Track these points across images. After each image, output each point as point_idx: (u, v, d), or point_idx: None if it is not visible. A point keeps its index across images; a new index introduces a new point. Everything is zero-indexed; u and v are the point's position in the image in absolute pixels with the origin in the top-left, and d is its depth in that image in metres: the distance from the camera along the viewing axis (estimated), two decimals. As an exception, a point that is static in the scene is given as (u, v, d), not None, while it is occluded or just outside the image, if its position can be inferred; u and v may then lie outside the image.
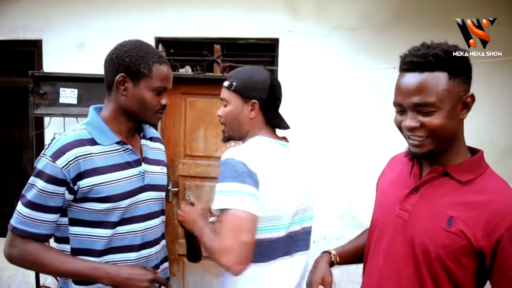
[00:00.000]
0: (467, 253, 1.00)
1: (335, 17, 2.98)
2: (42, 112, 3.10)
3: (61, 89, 3.09)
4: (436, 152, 1.06)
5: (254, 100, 1.36)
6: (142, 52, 1.29)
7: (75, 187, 1.23)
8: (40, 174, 1.22)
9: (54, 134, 3.11)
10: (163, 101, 1.34)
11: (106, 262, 1.30)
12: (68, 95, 3.09)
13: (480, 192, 1.03)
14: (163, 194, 1.48)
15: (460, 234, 1.00)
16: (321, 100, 3.02)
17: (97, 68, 1.19)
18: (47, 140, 3.25)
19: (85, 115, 1.38)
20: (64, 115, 3.09)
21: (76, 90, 3.09)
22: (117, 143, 1.32)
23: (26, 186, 1.25)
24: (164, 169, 1.51)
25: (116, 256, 1.32)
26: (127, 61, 1.27)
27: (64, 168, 1.21)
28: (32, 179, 1.24)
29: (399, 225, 1.12)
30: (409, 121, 1.04)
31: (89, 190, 1.24)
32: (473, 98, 1.05)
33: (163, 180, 1.48)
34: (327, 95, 3.01)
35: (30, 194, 1.23)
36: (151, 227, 1.40)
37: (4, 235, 1.28)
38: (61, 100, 3.09)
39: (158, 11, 3.16)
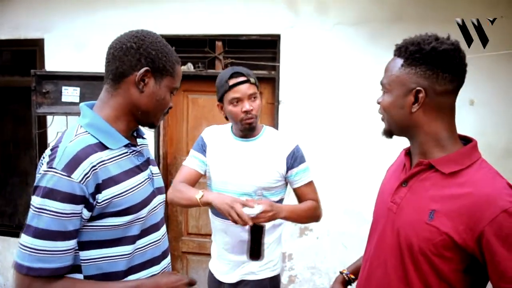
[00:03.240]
0: (450, 247, 0.99)
1: (337, 12, 2.96)
2: (45, 111, 3.11)
3: (63, 87, 3.10)
4: (395, 134, 1.16)
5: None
6: (167, 48, 1.17)
7: (94, 203, 1.05)
8: (51, 194, 0.99)
9: (57, 133, 3.12)
10: (171, 103, 1.25)
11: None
12: (71, 93, 3.10)
13: (463, 184, 1.01)
14: (165, 196, 1.38)
15: (441, 228, 1.00)
16: (323, 96, 3.00)
17: (99, 66, 1.16)
18: (50, 139, 3.25)
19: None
20: (66, 114, 3.10)
21: (78, 89, 3.09)
22: (125, 146, 1.17)
23: (31, 213, 1.01)
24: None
25: (139, 274, 1.18)
26: (153, 55, 1.13)
27: (82, 182, 1.02)
28: (39, 202, 1.00)
29: (389, 217, 1.14)
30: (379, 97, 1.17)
31: (107, 204, 1.07)
32: (425, 95, 1.03)
33: (162, 181, 1.36)
34: (329, 90, 2.99)
35: (41, 222, 0.99)
36: (164, 233, 1.31)
37: (7, 234, 1.21)
38: (64, 99, 3.10)
39: (160, 8, 3.15)
